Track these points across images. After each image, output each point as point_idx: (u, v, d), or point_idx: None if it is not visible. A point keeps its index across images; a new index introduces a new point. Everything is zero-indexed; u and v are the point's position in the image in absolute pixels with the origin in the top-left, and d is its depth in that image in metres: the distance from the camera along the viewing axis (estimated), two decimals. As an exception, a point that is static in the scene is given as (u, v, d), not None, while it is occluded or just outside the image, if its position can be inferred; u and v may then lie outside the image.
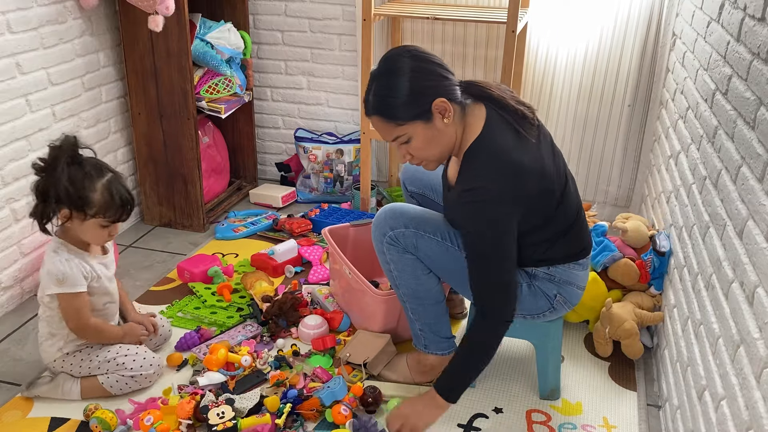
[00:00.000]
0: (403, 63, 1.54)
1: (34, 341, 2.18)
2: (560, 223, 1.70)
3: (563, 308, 1.81)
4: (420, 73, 1.53)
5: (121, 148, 2.86)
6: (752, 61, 1.45)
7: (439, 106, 1.54)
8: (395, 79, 1.53)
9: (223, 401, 1.79)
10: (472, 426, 1.86)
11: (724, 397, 1.35)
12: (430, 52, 1.60)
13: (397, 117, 1.55)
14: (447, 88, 1.56)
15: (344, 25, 3.09)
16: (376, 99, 1.56)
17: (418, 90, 1.53)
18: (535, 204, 1.61)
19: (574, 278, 1.78)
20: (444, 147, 1.62)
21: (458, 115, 1.61)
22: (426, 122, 1.55)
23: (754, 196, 1.32)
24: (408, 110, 1.54)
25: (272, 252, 2.58)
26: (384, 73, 1.56)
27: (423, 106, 1.53)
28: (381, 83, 1.56)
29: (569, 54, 2.86)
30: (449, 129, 1.59)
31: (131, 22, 2.63)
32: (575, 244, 1.76)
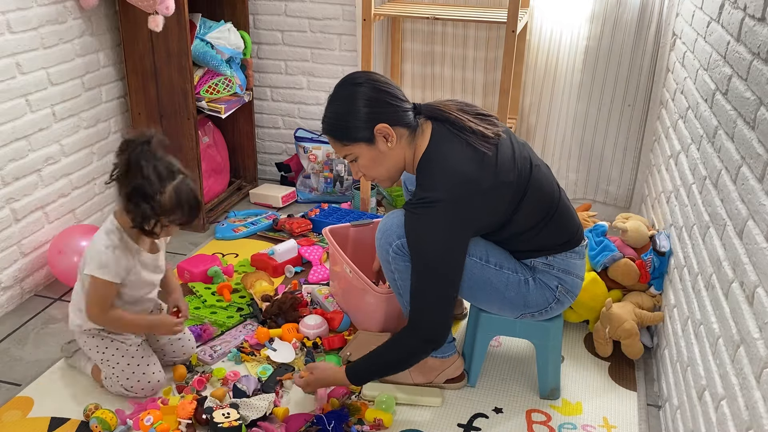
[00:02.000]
0: (351, 90, 1.67)
1: (34, 341, 2.18)
2: (536, 212, 1.73)
3: (566, 299, 1.82)
4: (365, 101, 1.65)
5: (121, 148, 2.86)
6: (752, 61, 1.45)
7: (382, 130, 1.66)
8: (342, 105, 1.68)
9: (228, 405, 1.79)
10: (472, 426, 1.86)
11: (724, 397, 1.35)
12: (384, 79, 1.71)
13: (342, 138, 1.70)
14: (392, 114, 1.66)
15: (344, 25, 3.09)
16: (326, 121, 1.72)
17: (361, 116, 1.65)
18: (491, 200, 1.66)
19: (572, 267, 1.80)
20: (390, 167, 1.74)
21: (406, 137, 1.71)
22: (369, 144, 1.68)
23: (754, 196, 1.32)
24: (352, 133, 1.67)
25: (272, 252, 2.58)
26: (334, 98, 1.71)
27: (366, 130, 1.66)
28: (331, 107, 1.70)
29: (569, 54, 2.86)
30: (395, 151, 1.70)
31: (131, 22, 2.63)
32: (563, 230, 1.79)
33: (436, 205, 1.61)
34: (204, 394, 1.90)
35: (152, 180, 1.67)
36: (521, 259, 1.80)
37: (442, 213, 1.62)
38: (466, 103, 1.80)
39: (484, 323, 1.93)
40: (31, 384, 1.97)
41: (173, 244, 2.82)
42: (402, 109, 1.69)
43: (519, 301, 1.79)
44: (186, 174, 1.76)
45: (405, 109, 1.70)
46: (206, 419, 1.75)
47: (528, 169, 1.72)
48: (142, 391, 1.88)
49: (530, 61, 2.95)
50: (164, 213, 1.71)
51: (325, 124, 1.72)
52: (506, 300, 1.79)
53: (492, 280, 1.77)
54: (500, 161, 1.67)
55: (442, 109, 1.73)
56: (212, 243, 2.83)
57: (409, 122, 1.70)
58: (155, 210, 1.69)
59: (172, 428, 1.77)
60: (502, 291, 1.78)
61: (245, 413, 1.78)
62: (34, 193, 2.39)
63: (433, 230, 1.64)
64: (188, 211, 1.74)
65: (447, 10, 2.81)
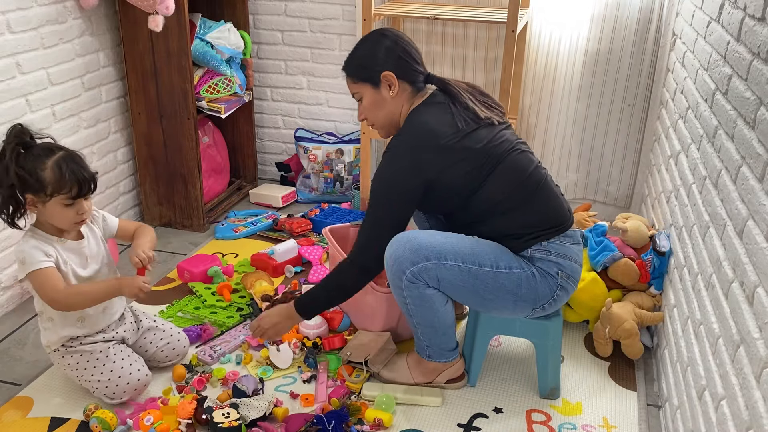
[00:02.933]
0: (376, 37, 1.86)
1: (34, 341, 2.18)
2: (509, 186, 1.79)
3: (569, 284, 1.82)
4: (383, 49, 1.82)
5: (121, 148, 2.86)
6: (752, 61, 1.45)
7: (387, 78, 1.82)
8: (364, 47, 1.87)
9: (228, 405, 1.79)
10: (472, 426, 1.86)
11: (724, 397, 1.35)
12: (409, 40, 1.88)
13: (354, 75, 1.87)
14: (401, 68, 1.83)
15: (344, 25, 3.09)
16: (348, 58, 1.89)
17: (374, 60, 1.83)
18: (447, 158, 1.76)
19: (569, 252, 1.81)
20: (387, 114, 1.88)
21: (407, 94, 1.86)
22: (374, 87, 1.85)
23: (754, 196, 1.32)
24: (362, 72, 1.85)
25: (272, 252, 2.58)
26: (362, 40, 1.90)
27: (374, 73, 1.83)
28: (356, 47, 1.89)
29: (569, 54, 2.86)
30: (395, 101, 1.85)
31: (131, 22, 2.63)
32: (547, 211, 1.81)
33: (393, 149, 1.79)
34: (204, 394, 1.90)
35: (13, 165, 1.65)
36: (519, 252, 1.80)
37: (397, 155, 1.78)
38: (480, 89, 1.92)
39: (484, 323, 1.93)
40: (31, 384, 1.97)
41: (173, 244, 2.83)
42: (412, 68, 1.85)
43: (531, 295, 1.79)
44: (67, 150, 1.73)
45: (415, 69, 1.86)
46: (206, 419, 1.75)
47: (503, 150, 1.80)
48: (124, 394, 1.85)
49: (530, 61, 2.95)
50: (55, 188, 1.67)
51: (346, 61, 1.89)
52: (520, 298, 1.79)
53: (505, 284, 1.77)
54: (473, 134, 1.78)
55: (449, 82, 1.87)
56: (212, 243, 2.83)
57: (414, 80, 1.86)
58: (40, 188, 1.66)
59: (172, 428, 1.77)
60: (515, 291, 1.78)
61: (245, 413, 1.78)
62: (34, 193, 2.39)
63: (388, 169, 1.79)
64: (72, 178, 1.68)
65: (447, 10, 2.81)
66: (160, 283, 2.52)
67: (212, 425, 1.72)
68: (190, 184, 2.85)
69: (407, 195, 1.79)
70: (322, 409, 1.85)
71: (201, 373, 1.99)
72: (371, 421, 1.82)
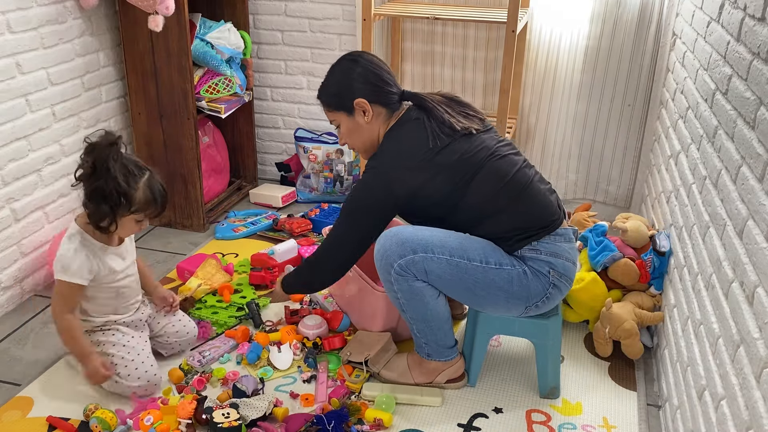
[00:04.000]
0: (345, 65, 1.87)
1: (34, 341, 2.18)
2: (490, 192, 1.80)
3: (562, 283, 1.82)
4: (352, 76, 1.84)
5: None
6: (752, 61, 1.45)
7: (360, 104, 1.84)
8: (333, 75, 1.89)
9: (227, 405, 1.79)
10: (472, 426, 1.86)
11: (724, 397, 1.35)
12: (379, 63, 1.89)
13: (328, 104, 1.91)
14: (373, 93, 1.84)
15: (344, 25, 3.09)
16: (321, 86, 1.92)
17: (344, 88, 1.85)
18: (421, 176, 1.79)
19: (559, 250, 1.81)
20: (366, 139, 1.91)
21: (382, 117, 1.88)
22: (349, 115, 1.87)
23: (754, 196, 1.32)
24: (335, 101, 1.88)
25: (272, 252, 2.58)
26: (333, 69, 1.91)
27: (347, 101, 1.85)
28: (328, 76, 1.91)
29: (569, 53, 2.86)
30: (370, 126, 1.88)
31: (131, 22, 2.63)
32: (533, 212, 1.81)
33: (368, 170, 1.83)
34: (204, 394, 1.90)
35: (121, 179, 1.73)
36: (511, 252, 1.81)
37: (371, 176, 1.82)
38: (458, 100, 1.93)
39: (484, 323, 1.93)
40: (31, 384, 1.97)
41: (173, 244, 2.83)
42: (384, 91, 1.86)
43: (523, 293, 1.80)
44: (150, 169, 1.83)
45: (388, 91, 1.87)
46: (206, 419, 1.75)
47: (482, 157, 1.80)
48: (138, 380, 1.87)
49: (530, 61, 2.95)
50: (141, 208, 1.78)
51: (320, 89, 1.92)
52: (512, 295, 1.80)
53: (495, 279, 1.78)
54: (446, 149, 1.79)
55: (423, 97, 1.88)
56: (212, 243, 2.83)
57: (388, 103, 1.88)
58: (129, 206, 1.76)
59: (172, 428, 1.77)
60: (506, 288, 1.79)
61: (245, 413, 1.78)
62: (34, 193, 2.39)
63: (362, 189, 1.83)
64: (161, 202, 1.83)
65: (447, 10, 2.81)
66: (160, 283, 2.51)
67: (212, 425, 1.72)
68: (190, 184, 2.85)
69: (376, 220, 1.84)
70: (322, 409, 1.85)
71: (201, 373, 1.99)
72: (371, 421, 1.82)
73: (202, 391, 1.93)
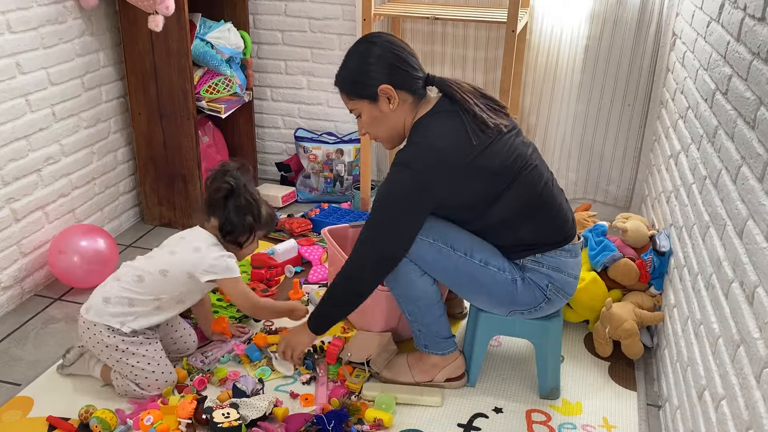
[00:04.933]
0: (365, 48, 1.74)
1: (34, 341, 2.18)
2: (514, 208, 1.74)
3: (558, 298, 1.82)
4: (374, 59, 1.72)
5: (121, 148, 2.86)
6: (752, 61, 1.45)
7: (385, 91, 1.72)
8: (354, 61, 1.76)
9: (228, 405, 1.79)
10: (472, 426, 1.86)
11: (724, 397, 1.35)
12: (401, 44, 1.76)
13: (349, 92, 1.78)
14: (398, 78, 1.72)
15: (344, 25, 3.09)
16: (339, 73, 1.79)
17: (367, 73, 1.72)
18: (457, 179, 1.69)
19: (563, 265, 1.79)
20: (390, 128, 1.79)
21: (410, 103, 1.76)
22: (372, 103, 1.75)
23: (754, 196, 1.32)
24: (357, 89, 1.75)
25: (272, 252, 2.58)
26: (350, 53, 1.78)
27: (370, 88, 1.72)
28: (346, 61, 1.78)
29: (569, 54, 2.86)
30: (396, 114, 1.76)
31: (131, 22, 2.63)
32: (547, 229, 1.78)
33: (402, 168, 1.69)
34: (204, 394, 1.90)
35: (253, 200, 1.93)
36: (512, 260, 1.80)
37: (406, 175, 1.68)
38: (482, 91, 1.80)
39: (484, 323, 1.93)
40: (31, 384, 1.97)
41: (173, 244, 2.82)
42: (410, 76, 1.74)
43: (506, 298, 1.80)
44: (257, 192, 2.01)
45: (414, 76, 1.75)
46: (206, 419, 1.75)
47: (518, 167, 1.72)
48: (158, 390, 1.89)
49: (530, 61, 2.95)
50: (261, 227, 1.97)
51: (337, 76, 1.79)
52: (493, 296, 1.81)
53: (476, 275, 1.78)
54: (485, 150, 1.69)
55: (452, 86, 1.75)
56: (212, 243, 2.82)
57: (414, 89, 1.75)
58: (256, 226, 1.94)
59: (172, 428, 1.76)
60: (487, 287, 1.79)
61: (245, 413, 1.78)
62: (34, 193, 2.39)
63: (395, 188, 1.70)
64: (273, 224, 2.07)
65: (447, 10, 2.81)
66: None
67: (212, 425, 1.72)
68: (190, 184, 2.85)
69: (414, 219, 1.73)
70: (322, 409, 1.85)
71: (205, 372, 1.99)
72: (371, 421, 1.82)
73: (202, 391, 1.93)
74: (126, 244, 2.82)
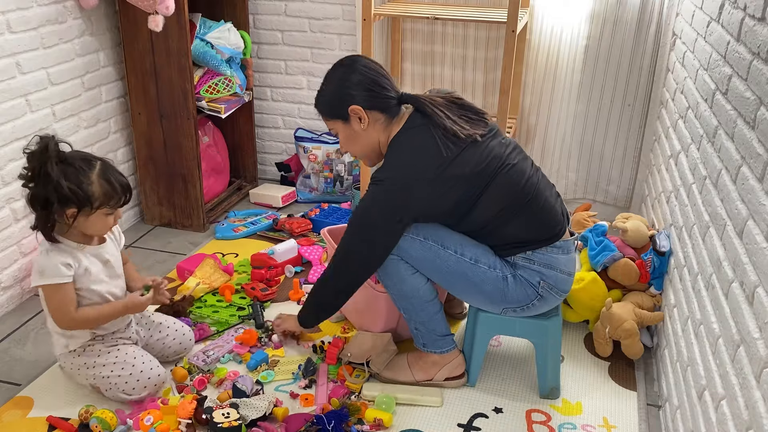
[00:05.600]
0: (338, 71, 1.83)
1: (34, 341, 2.18)
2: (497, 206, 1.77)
3: (551, 296, 1.83)
4: (346, 83, 1.79)
5: (121, 148, 2.86)
6: (752, 60, 1.45)
7: (356, 111, 1.79)
8: (328, 83, 1.85)
9: (228, 405, 1.79)
10: (472, 426, 1.86)
11: (724, 397, 1.35)
12: (374, 66, 1.82)
13: (323, 113, 1.88)
14: (368, 99, 1.79)
15: (344, 25, 3.09)
16: (317, 96, 1.88)
17: (339, 96, 1.81)
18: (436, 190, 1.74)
19: (554, 262, 1.81)
20: (364, 146, 1.87)
21: (382, 122, 1.82)
22: (344, 122, 1.83)
23: (754, 196, 1.32)
24: (330, 109, 1.85)
25: (272, 252, 2.58)
26: (327, 76, 1.86)
27: (341, 109, 1.81)
28: (323, 84, 1.87)
29: (569, 53, 2.86)
30: (368, 132, 1.83)
31: (131, 22, 2.63)
32: (535, 226, 1.80)
33: (379, 184, 1.76)
34: (204, 394, 1.90)
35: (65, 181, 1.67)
36: (503, 257, 1.82)
37: (383, 191, 1.76)
38: (458, 102, 1.85)
39: (483, 322, 1.93)
40: (31, 384, 1.97)
41: (173, 244, 2.83)
42: (381, 96, 1.80)
43: (497, 295, 1.81)
44: (102, 159, 1.77)
45: (385, 96, 1.81)
46: (206, 419, 1.75)
47: (493, 168, 1.76)
48: (144, 389, 1.86)
49: (530, 61, 2.95)
50: (103, 201, 1.72)
51: (316, 98, 1.88)
52: (485, 294, 1.82)
53: (467, 273, 1.80)
54: (455, 159, 1.73)
55: (425, 102, 1.81)
56: (212, 243, 2.83)
57: (386, 108, 1.82)
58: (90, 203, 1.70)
59: (172, 428, 1.77)
60: (478, 285, 1.81)
61: (245, 413, 1.78)
62: (34, 193, 2.39)
63: (373, 204, 1.77)
64: (122, 190, 1.76)
65: (447, 10, 2.81)
66: (160, 283, 2.52)
67: (212, 425, 1.72)
68: (190, 184, 2.85)
69: (391, 236, 1.79)
70: (322, 409, 1.85)
71: (206, 372, 1.99)
72: (371, 421, 1.82)
73: (202, 391, 1.93)
74: (126, 244, 2.81)
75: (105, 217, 1.76)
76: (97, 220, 1.76)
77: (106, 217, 1.77)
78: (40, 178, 1.68)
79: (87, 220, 1.74)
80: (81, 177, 1.69)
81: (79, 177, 1.69)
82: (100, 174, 1.72)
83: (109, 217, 1.78)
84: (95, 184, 1.71)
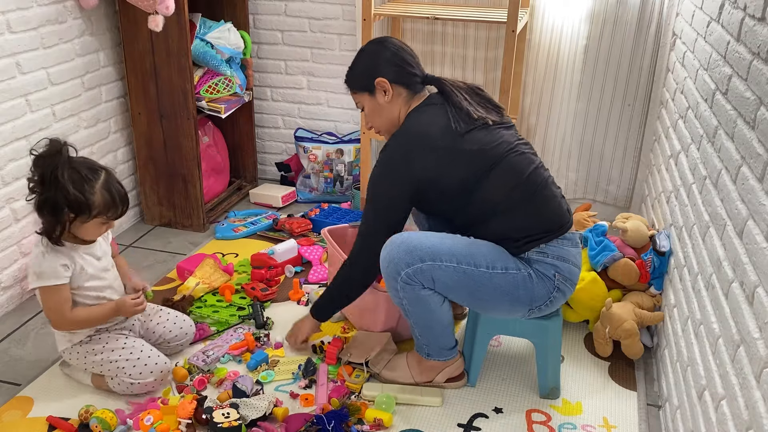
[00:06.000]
0: (370, 47, 1.93)
1: (34, 341, 2.18)
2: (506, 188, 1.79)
3: (566, 287, 1.82)
4: (375, 56, 1.89)
5: (121, 148, 2.86)
6: (752, 60, 1.45)
7: (381, 84, 1.87)
8: (358, 57, 1.94)
9: (228, 405, 1.79)
10: (472, 426, 1.86)
11: (724, 397, 1.35)
12: (404, 46, 1.91)
13: (352, 85, 1.95)
14: (394, 73, 1.87)
15: (344, 25, 3.09)
16: (348, 71, 1.95)
17: (367, 68, 1.89)
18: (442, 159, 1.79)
19: (566, 254, 1.81)
20: (386, 120, 1.92)
21: (403, 98, 1.90)
22: (371, 95, 1.90)
23: (754, 196, 1.32)
24: (358, 82, 1.92)
25: (272, 252, 2.58)
26: (358, 52, 1.95)
27: (368, 80, 1.88)
28: (354, 59, 1.95)
29: (569, 53, 2.86)
30: (391, 105, 1.90)
31: (131, 22, 2.63)
32: (545, 214, 1.81)
33: (387, 150, 1.84)
34: (204, 394, 1.90)
35: (72, 188, 1.70)
36: (517, 255, 1.81)
37: (389, 157, 1.83)
38: (480, 91, 1.93)
39: (484, 323, 1.93)
40: (31, 384, 1.97)
41: (173, 244, 2.83)
42: (407, 72, 1.88)
43: (527, 296, 1.79)
44: (107, 169, 1.80)
45: (411, 72, 1.89)
46: (206, 419, 1.75)
47: (502, 151, 1.80)
48: (151, 375, 1.87)
49: (530, 61, 2.95)
50: (101, 211, 1.76)
51: (346, 73, 1.96)
52: (516, 299, 1.79)
53: (501, 284, 1.77)
54: (467, 135, 1.80)
55: (444, 82, 1.90)
56: (212, 243, 2.83)
57: (410, 84, 1.89)
58: (89, 211, 1.73)
59: (172, 428, 1.77)
60: (511, 292, 1.78)
61: (245, 413, 1.78)
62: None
63: (380, 172, 1.84)
64: (121, 203, 1.80)
65: (447, 10, 2.81)
66: (160, 283, 2.52)
67: (212, 425, 1.72)
68: (190, 184, 2.85)
69: (398, 200, 1.84)
70: (322, 409, 1.85)
71: (206, 372, 1.99)
72: (371, 421, 1.82)
73: (202, 391, 1.93)
74: (126, 244, 2.82)
75: (100, 225, 1.81)
76: (92, 227, 1.80)
77: (101, 225, 1.81)
78: (51, 183, 1.71)
79: (81, 227, 1.78)
80: (86, 185, 1.73)
81: (84, 185, 1.73)
82: (103, 185, 1.76)
83: (103, 225, 1.82)
84: (98, 194, 1.75)
